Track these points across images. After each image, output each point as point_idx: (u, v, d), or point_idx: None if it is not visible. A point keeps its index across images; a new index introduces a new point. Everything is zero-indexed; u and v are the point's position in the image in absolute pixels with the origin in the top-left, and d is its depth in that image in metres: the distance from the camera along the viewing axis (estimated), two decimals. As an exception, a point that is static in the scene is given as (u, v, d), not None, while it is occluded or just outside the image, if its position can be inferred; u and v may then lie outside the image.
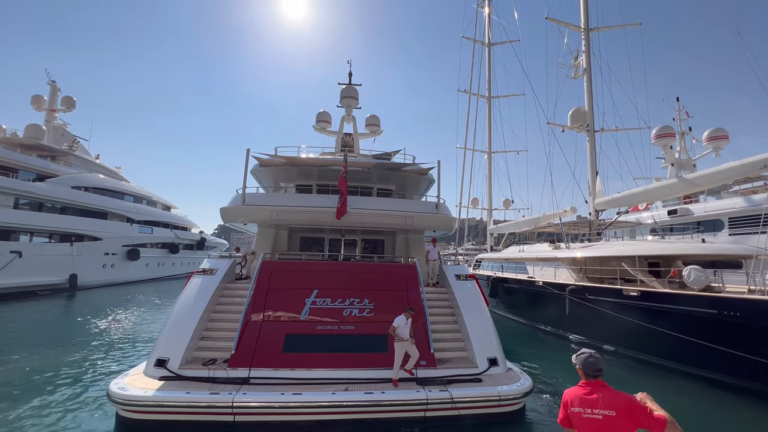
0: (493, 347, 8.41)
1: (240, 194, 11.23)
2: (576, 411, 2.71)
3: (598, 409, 2.63)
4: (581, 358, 2.88)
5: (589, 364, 2.81)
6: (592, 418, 2.63)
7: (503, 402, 7.00)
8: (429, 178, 13.54)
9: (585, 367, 2.83)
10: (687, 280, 10.84)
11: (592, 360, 2.83)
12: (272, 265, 9.79)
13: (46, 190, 27.20)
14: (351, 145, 16.33)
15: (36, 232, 26.55)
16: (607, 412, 2.60)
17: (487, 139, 32.94)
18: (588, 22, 21.13)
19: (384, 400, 6.66)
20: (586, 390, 2.77)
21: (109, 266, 32.22)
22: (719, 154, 21.30)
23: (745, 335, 9.16)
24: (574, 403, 2.75)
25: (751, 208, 15.49)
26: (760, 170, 11.93)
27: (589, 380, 2.81)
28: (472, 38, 32.62)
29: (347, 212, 10.66)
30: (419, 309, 8.76)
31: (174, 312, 8.55)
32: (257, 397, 6.51)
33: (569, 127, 21.02)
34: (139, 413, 6.42)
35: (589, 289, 13.76)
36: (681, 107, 24.28)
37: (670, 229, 19.51)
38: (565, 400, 2.83)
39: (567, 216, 19.59)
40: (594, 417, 2.63)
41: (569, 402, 2.79)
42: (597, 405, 2.65)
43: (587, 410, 2.66)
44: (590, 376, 2.81)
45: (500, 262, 22.75)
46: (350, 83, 17.15)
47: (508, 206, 33.75)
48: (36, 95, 32.96)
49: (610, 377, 2.77)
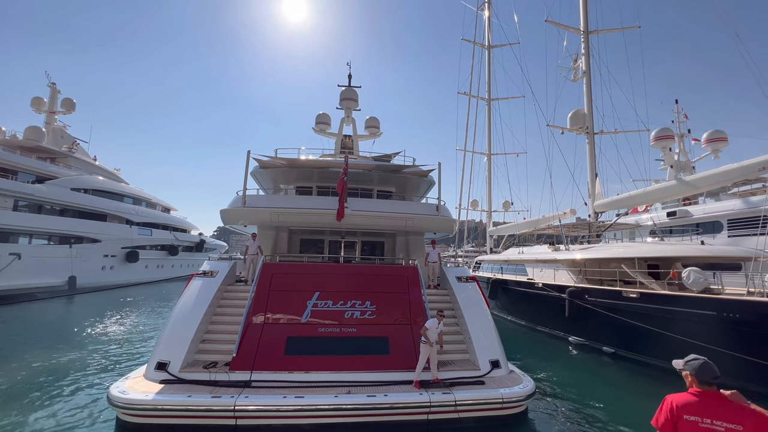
0: (495, 349, 8.40)
1: (240, 196, 11.22)
2: (692, 420, 2.51)
3: (721, 420, 2.43)
4: (695, 364, 2.65)
5: (707, 371, 2.59)
6: (713, 429, 2.44)
7: (506, 404, 6.99)
8: (429, 180, 13.55)
9: (702, 374, 2.60)
10: (686, 281, 10.86)
11: (709, 366, 2.61)
12: (273, 268, 9.77)
13: (45, 192, 27.19)
14: (350, 146, 16.34)
15: (35, 234, 26.52)
16: (732, 426, 2.39)
17: (486, 141, 33.05)
18: (587, 25, 21.24)
19: (387, 403, 6.63)
20: (702, 399, 2.56)
21: (108, 268, 32.17)
22: (718, 157, 21.39)
23: (744, 337, 9.19)
24: (686, 410, 2.56)
25: (749, 210, 15.55)
26: (758, 172, 11.98)
27: (704, 389, 2.59)
28: (472, 41, 32.80)
29: (348, 214, 10.67)
30: (421, 311, 8.76)
31: (174, 315, 8.51)
32: (259, 401, 6.48)
33: (569, 129, 21.10)
34: (140, 417, 6.39)
35: (588, 290, 13.78)
36: (680, 109, 24.42)
37: (670, 230, 19.56)
38: (671, 405, 2.62)
39: (566, 218, 19.64)
40: (715, 428, 2.44)
41: (678, 408, 2.59)
42: (721, 416, 2.45)
43: (706, 420, 2.47)
44: (706, 384, 2.59)
45: (500, 264, 22.76)
46: (350, 85, 17.17)
47: (508, 208, 33.82)
48: (36, 97, 32.99)
49: (608, 379, 2.74)
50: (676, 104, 24.50)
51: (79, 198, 29.93)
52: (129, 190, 37.39)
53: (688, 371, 2.66)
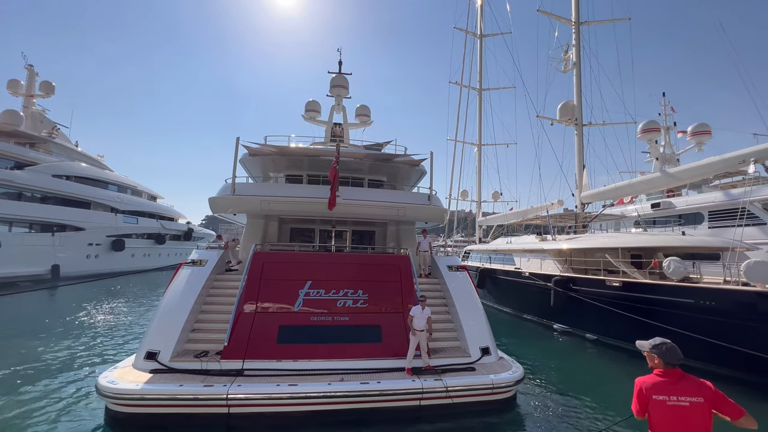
0: (485, 337, 8.59)
1: (229, 184, 11.01)
2: (660, 399, 2.72)
3: (685, 396, 2.67)
4: (661, 348, 2.86)
5: (674, 354, 2.81)
6: (679, 405, 2.66)
7: (496, 390, 7.20)
8: (420, 169, 13.56)
9: (668, 356, 2.81)
10: (667, 271, 11.22)
11: (675, 349, 2.83)
12: (265, 256, 9.71)
13: (25, 179, 26.37)
14: (341, 135, 16.15)
15: (15, 221, 25.79)
16: (695, 399, 2.64)
17: (477, 132, 33.10)
18: (579, 16, 21.25)
19: (380, 390, 6.76)
20: (667, 378, 2.78)
21: (93, 257, 31.55)
22: (702, 149, 21.92)
23: (720, 324, 9.59)
24: (653, 390, 2.76)
25: (729, 202, 16.06)
26: (738, 165, 12.33)
27: (668, 369, 2.81)
28: (465, 29, 32.48)
29: (339, 203, 10.63)
30: (413, 300, 8.88)
31: (163, 304, 8.41)
32: (252, 389, 6.52)
33: (558, 120, 21.29)
34: (131, 407, 6.37)
35: (573, 279, 14.14)
36: (667, 102, 24.81)
37: (653, 221, 20.07)
38: (641, 388, 2.83)
39: (554, 209, 19.95)
40: (680, 404, 2.66)
41: (647, 390, 2.79)
42: (683, 392, 2.68)
43: (672, 398, 2.69)
44: (671, 365, 2.81)
45: (488, 254, 23.11)
46: (340, 72, 16.89)
47: (497, 198, 34.11)
48: (12, 79, 31.67)
49: (592, 365, 2.89)
50: (663, 97, 24.88)
51: (62, 185, 29.11)
52: (113, 178, 36.46)
53: (655, 354, 2.88)
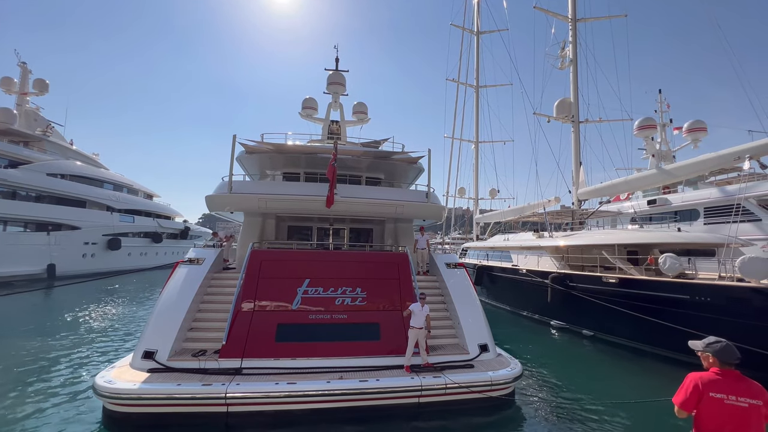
0: (484, 334, 8.61)
1: (226, 182, 10.92)
2: (717, 396, 2.70)
3: (745, 397, 2.65)
4: (717, 346, 2.83)
5: (730, 353, 2.79)
6: (737, 405, 2.65)
7: (495, 387, 7.23)
8: (418, 167, 13.55)
9: (722, 354, 2.80)
10: (662, 267, 11.30)
11: (731, 349, 2.80)
12: (262, 255, 9.67)
13: (19, 178, 26.14)
14: (338, 132, 16.09)
15: (10, 220, 25.61)
16: (754, 402, 2.63)
17: (474, 129, 33.11)
18: (575, 13, 21.25)
19: (379, 388, 6.77)
20: (725, 377, 2.77)
21: (89, 256, 31.37)
22: (698, 146, 22.03)
23: (715, 320, 9.67)
24: (711, 387, 2.74)
25: (724, 199, 16.16)
26: (734, 162, 12.40)
27: (724, 368, 2.80)
28: (461, 26, 32.42)
29: (337, 201, 10.61)
30: (412, 298, 8.89)
31: (160, 303, 8.35)
32: (251, 387, 6.51)
33: (555, 117, 21.34)
34: (128, 406, 6.34)
35: (570, 276, 14.21)
36: (663, 99, 24.88)
37: (650, 218, 20.19)
38: (696, 383, 2.80)
39: (551, 206, 20.02)
40: (739, 404, 2.65)
41: (704, 386, 2.76)
42: (743, 393, 2.67)
43: (731, 397, 2.67)
44: (728, 365, 2.79)
45: (485, 251, 23.16)
46: (337, 69, 16.81)
47: (495, 196, 34.18)
48: (5, 77, 31.36)
49: (589, 361, 2.90)
50: (659, 94, 24.95)
51: (57, 184, 28.89)
52: (109, 176, 36.24)
53: (709, 353, 2.86)
